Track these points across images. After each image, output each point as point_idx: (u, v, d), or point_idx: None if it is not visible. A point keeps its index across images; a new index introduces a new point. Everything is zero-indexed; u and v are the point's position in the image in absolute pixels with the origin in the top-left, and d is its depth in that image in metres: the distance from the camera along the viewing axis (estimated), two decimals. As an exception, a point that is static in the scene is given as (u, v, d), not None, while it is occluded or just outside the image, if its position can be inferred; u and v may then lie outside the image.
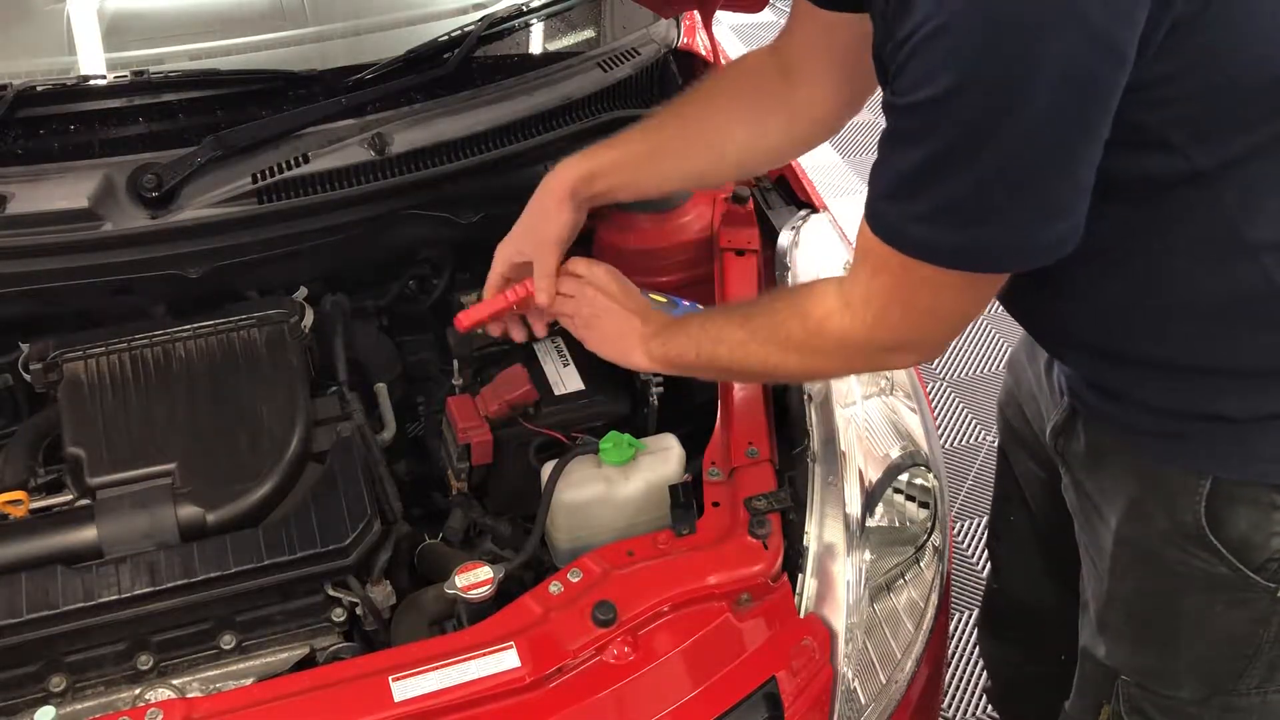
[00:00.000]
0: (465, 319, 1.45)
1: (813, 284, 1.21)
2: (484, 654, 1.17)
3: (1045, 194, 0.97)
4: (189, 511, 1.33)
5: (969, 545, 2.66)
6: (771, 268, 1.64)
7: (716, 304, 1.57)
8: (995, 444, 1.70)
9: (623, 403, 1.53)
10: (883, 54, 1.01)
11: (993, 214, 0.98)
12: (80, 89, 1.54)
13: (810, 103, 1.37)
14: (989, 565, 1.86)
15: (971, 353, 3.27)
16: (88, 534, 1.30)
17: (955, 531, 2.67)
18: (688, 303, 1.60)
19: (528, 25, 1.78)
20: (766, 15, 2.23)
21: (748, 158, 1.46)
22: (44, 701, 1.24)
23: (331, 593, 1.32)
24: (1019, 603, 1.76)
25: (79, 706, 1.26)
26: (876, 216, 1.04)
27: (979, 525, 2.70)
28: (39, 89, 1.50)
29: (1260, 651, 1.24)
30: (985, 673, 2.08)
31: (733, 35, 5.01)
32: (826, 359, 1.22)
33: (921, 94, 0.93)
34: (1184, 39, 0.94)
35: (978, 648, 2.22)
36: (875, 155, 1.04)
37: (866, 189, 1.06)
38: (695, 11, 1.96)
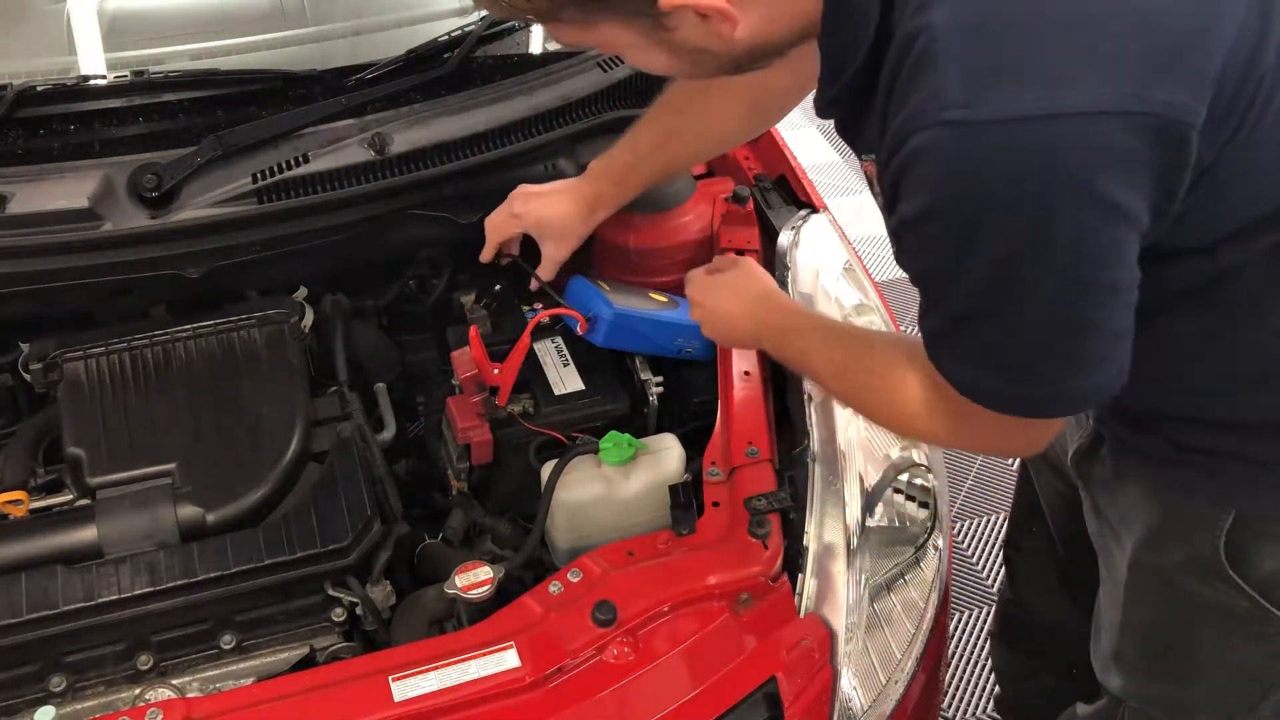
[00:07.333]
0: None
1: (899, 364, 1.12)
2: (484, 654, 1.17)
3: (1077, 349, 0.94)
4: (189, 511, 1.33)
5: (969, 545, 2.66)
6: (771, 268, 1.64)
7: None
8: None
9: (623, 403, 1.53)
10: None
11: (1023, 367, 0.96)
12: (80, 89, 1.54)
13: (781, 91, 1.47)
14: (1005, 575, 1.85)
15: (971, 353, 3.26)
16: (88, 534, 1.30)
17: (955, 531, 2.66)
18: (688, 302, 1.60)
19: (528, 25, 1.78)
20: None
21: (728, 142, 1.68)
22: (44, 701, 1.24)
23: (331, 593, 1.32)
24: (1034, 615, 1.75)
25: (79, 706, 1.26)
26: (928, 344, 1.02)
27: (979, 525, 2.69)
28: (39, 89, 1.50)
29: (1277, 683, 1.23)
30: (995, 681, 2.06)
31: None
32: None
33: (925, 263, 0.95)
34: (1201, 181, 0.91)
35: (988, 655, 2.20)
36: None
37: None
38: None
